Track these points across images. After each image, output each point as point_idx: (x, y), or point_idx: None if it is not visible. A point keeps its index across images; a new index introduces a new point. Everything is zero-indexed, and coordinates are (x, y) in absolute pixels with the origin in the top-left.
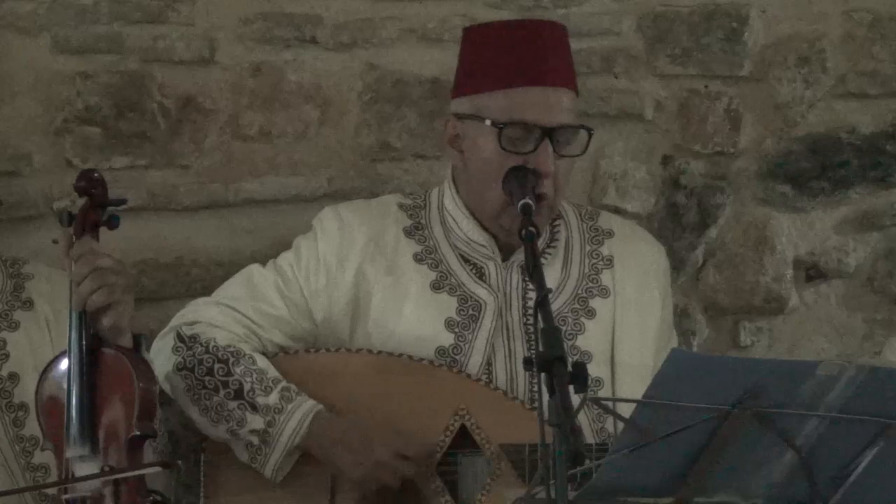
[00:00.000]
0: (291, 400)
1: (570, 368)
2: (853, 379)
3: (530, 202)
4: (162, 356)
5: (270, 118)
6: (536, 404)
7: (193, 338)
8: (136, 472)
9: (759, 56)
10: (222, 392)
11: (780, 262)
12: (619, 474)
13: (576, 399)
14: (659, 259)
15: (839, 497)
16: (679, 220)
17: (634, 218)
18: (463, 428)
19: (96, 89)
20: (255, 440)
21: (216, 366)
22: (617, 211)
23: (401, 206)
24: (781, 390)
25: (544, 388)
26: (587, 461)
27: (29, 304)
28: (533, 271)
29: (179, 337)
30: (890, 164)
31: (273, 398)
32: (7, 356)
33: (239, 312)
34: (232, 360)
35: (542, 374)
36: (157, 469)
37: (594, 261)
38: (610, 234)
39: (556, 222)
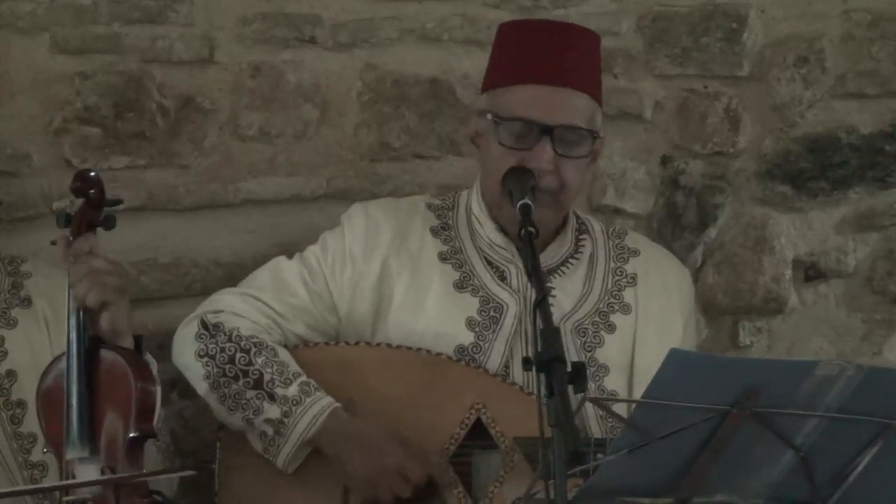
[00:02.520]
0: (310, 394)
1: (569, 368)
2: (852, 379)
3: (529, 202)
4: (184, 342)
5: (270, 118)
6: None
7: (217, 326)
8: (137, 476)
9: (758, 56)
10: (242, 381)
11: (779, 262)
12: (619, 474)
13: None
14: (684, 282)
15: (839, 497)
16: (678, 220)
17: (633, 218)
18: (478, 421)
19: (95, 89)
20: (270, 430)
21: (238, 355)
22: (616, 211)
23: (429, 206)
24: (780, 390)
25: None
26: (598, 455)
27: (27, 302)
28: (532, 271)
29: (203, 324)
30: (889, 164)
31: (292, 390)
32: (5, 354)
33: (263, 303)
34: (254, 350)
35: (542, 374)
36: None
37: (618, 278)
38: (636, 252)
39: (582, 237)
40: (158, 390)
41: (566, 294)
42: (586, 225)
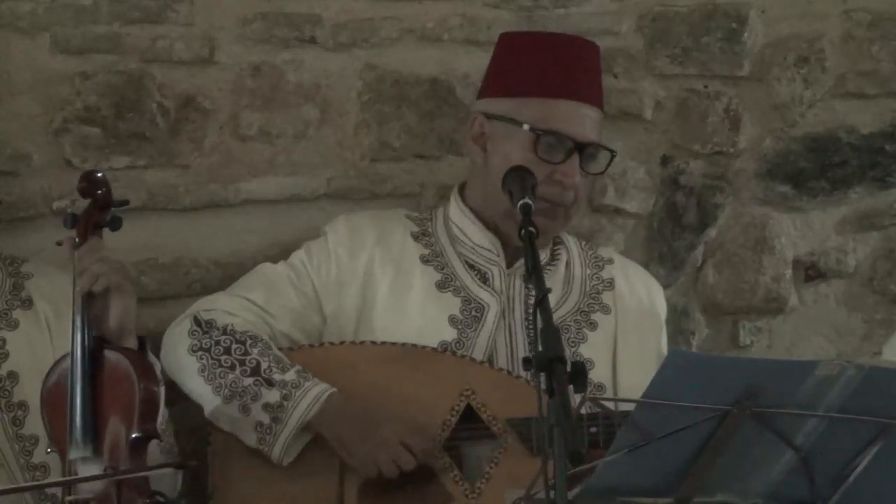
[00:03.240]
0: (309, 379)
1: (569, 368)
2: (852, 379)
3: (529, 202)
4: (176, 341)
5: (270, 118)
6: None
7: (210, 322)
8: (139, 474)
9: (758, 56)
10: (238, 370)
11: (779, 261)
12: (619, 474)
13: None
14: (657, 294)
15: (839, 497)
16: (678, 220)
17: (634, 218)
18: (469, 407)
19: (96, 89)
20: (266, 418)
21: (234, 346)
22: (616, 211)
23: (408, 216)
24: (781, 390)
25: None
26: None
27: (28, 303)
28: (532, 270)
29: (196, 321)
30: (889, 164)
31: (290, 375)
32: (6, 355)
33: (252, 303)
34: (250, 342)
35: (542, 374)
36: (166, 471)
37: (595, 283)
38: (610, 261)
39: (557, 247)
40: (162, 391)
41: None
42: (560, 237)
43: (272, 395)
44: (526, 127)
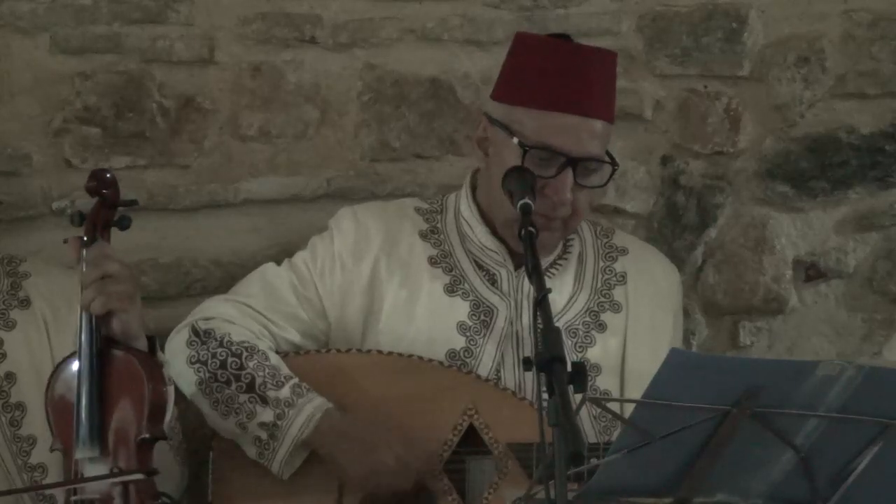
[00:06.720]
0: (302, 395)
1: (569, 368)
2: (853, 379)
3: (529, 202)
4: (175, 350)
5: (270, 118)
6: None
7: (208, 332)
8: (131, 477)
9: (758, 56)
10: (234, 385)
11: (779, 262)
12: (619, 474)
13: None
14: (673, 281)
15: (839, 497)
16: (678, 220)
17: (634, 218)
18: (471, 427)
19: (95, 89)
20: (264, 434)
21: (229, 359)
22: (616, 211)
23: (417, 209)
24: (781, 390)
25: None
26: (591, 460)
27: (26, 303)
28: (532, 271)
29: (194, 331)
30: (889, 164)
31: (285, 392)
32: (4, 356)
33: (254, 310)
34: (245, 354)
35: (542, 374)
36: (172, 471)
37: (607, 276)
38: (624, 251)
39: (570, 237)
40: (171, 390)
41: (556, 294)
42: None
43: (266, 415)
44: (515, 141)
